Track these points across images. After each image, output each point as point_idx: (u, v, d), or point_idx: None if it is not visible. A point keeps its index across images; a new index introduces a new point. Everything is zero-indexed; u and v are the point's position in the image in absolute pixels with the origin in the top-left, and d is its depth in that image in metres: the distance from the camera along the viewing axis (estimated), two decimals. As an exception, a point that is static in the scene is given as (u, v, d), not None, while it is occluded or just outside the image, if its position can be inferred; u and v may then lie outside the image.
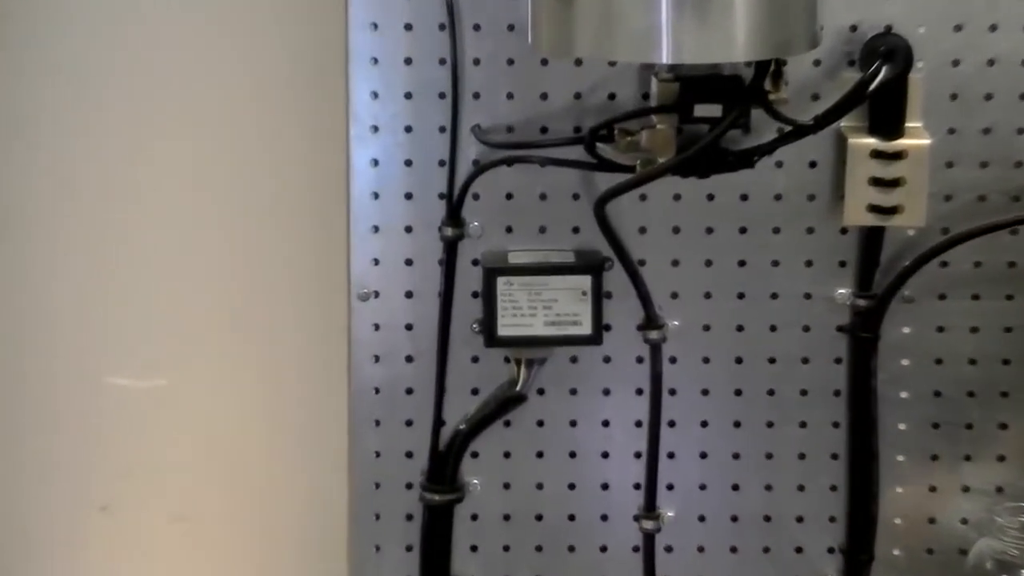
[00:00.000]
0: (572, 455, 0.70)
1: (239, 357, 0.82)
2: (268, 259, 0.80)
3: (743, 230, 0.68)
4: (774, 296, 0.68)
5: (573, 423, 0.70)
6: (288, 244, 0.80)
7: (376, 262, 0.68)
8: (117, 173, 0.76)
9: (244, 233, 0.80)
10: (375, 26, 0.64)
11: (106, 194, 0.76)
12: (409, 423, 0.69)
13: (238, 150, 0.79)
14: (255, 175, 0.79)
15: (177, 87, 0.74)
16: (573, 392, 0.70)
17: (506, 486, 0.70)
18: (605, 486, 0.69)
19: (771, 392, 0.69)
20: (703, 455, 0.70)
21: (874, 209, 0.63)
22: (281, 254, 0.80)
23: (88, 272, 0.77)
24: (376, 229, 0.68)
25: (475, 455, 0.70)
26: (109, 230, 0.77)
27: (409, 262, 0.68)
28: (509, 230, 0.68)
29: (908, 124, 0.63)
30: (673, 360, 0.69)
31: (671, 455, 0.69)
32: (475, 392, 0.69)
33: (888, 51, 0.61)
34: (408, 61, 0.65)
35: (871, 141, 0.63)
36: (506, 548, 0.69)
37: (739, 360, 0.69)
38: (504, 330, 0.66)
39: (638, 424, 0.69)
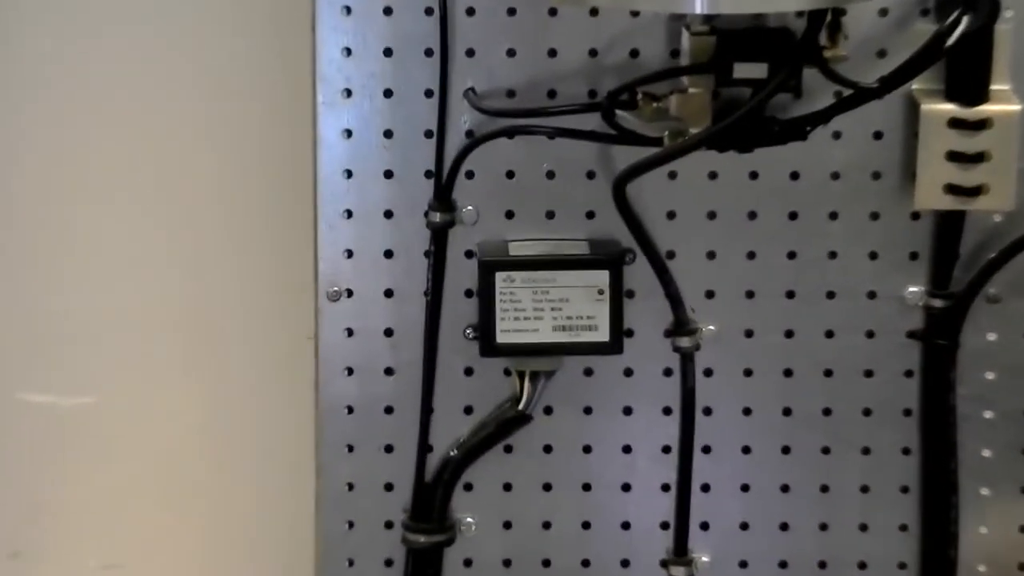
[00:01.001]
0: (586, 487, 0.70)
1: (183, 370, 0.82)
2: (218, 252, 0.81)
3: (793, 215, 0.68)
4: (830, 295, 0.69)
5: (587, 449, 0.70)
6: (242, 233, 0.81)
7: (349, 254, 0.69)
8: (44, 155, 0.78)
9: (189, 221, 0.81)
10: (347, -33, 0.65)
11: (26, 179, 0.77)
12: (389, 449, 0.70)
13: (180, 119, 0.79)
14: (201, 150, 0.79)
15: (114, 51, 0.76)
16: (587, 411, 0.70)
17: (506, 525, 0.70)
18: (626, 525, 0.70)
19: (827, 411, 0.70)
20: (745, 487, 0.70)
21: (952, 190, 0.63)
22: (234, 246, 0.81)
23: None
24: (349, 214, 0.68)
25: (469, 487, 0.70)
26: (25, 219, 0.78)
27: (389, 254, 0.69)
28: (510, 215, 0.69)
29: (993, 87, 0.63)
30: (708, 373, 0.70)
31: (706, 488, 0.70)
32: (469, 411, 0.70)
33: (970, -3, 0.59)
34: (388, 11, 0.66)
35: (949, 107, 0.63)
36: (506, 600, 0.70)
37: (788, 372, 0.70)
38: (504, 336, 0.66)
39: (666, 450, 0.70)
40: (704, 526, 0.69)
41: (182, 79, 0.77)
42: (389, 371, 0.69)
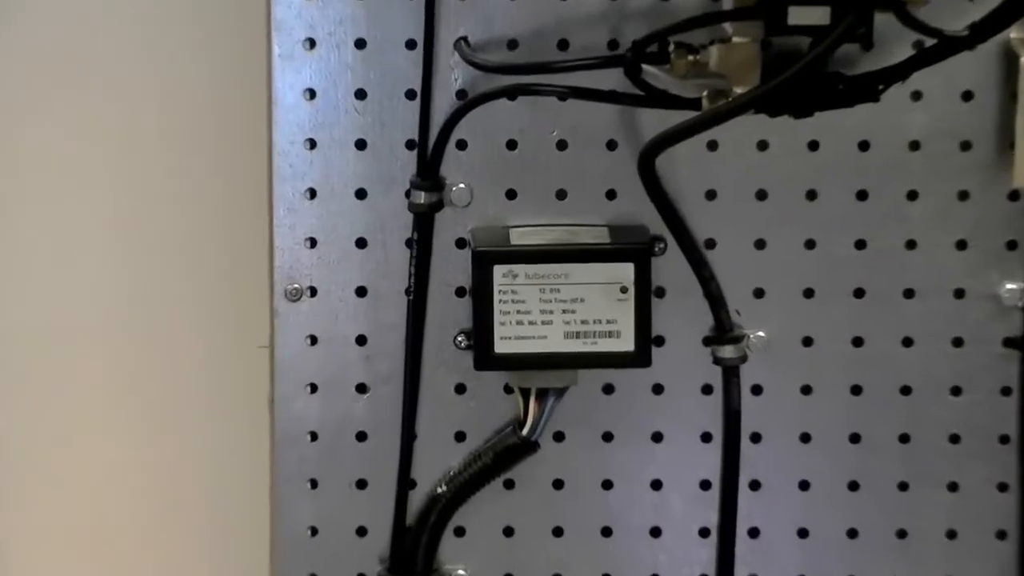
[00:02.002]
0: (606, 532, 0.71)
1: (106, 390, 0.83)
2: (148, 242, 0.81)
3: (862, 195, 0.68)
4: (909, 294, 0.69)
5: (607, 484, 0.71)
6: (179, 218, 0.81)
7: (311, 243, 0.68)
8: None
9: (117, 203, 0.81)
10: None
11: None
12: (361, 484, 0.70)
13: (106, 75, 0.80)
14: (132, 113, 0.80)
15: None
16: (607, 438, 0.70)
17: (508, 579, 0.71)
18: (656, 578, 0.70)
19: (904, 438, 0.70)
20: (803, 532, 0.70)
21: (1060, 164, 0.64)
22: (169, 234, 0.81)
23: None
24: (312, 194, 0.68)
25: (460, 532, 0.70)
26: None
27: (362, 243, 0.68)
28: (511, 195, 0.69)
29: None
30: (757, 390, 0.70)
31: (754, 532, 0.70)
32: (460, 438, 0.70)
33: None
34: (360, -60, 0.66)
35: (1057, 61, 0.64)
36: (508, 672, 0.71)
37: (856, 390, 0.70)
38: (504, 345, 0.66)
39: (705, 486, 0.70)
40: (753, 579, 0.70)
41: (110, 27, 0.78)
42: (362, 388, 0.69)
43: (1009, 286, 0.68)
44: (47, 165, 0.80)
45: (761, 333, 0.69)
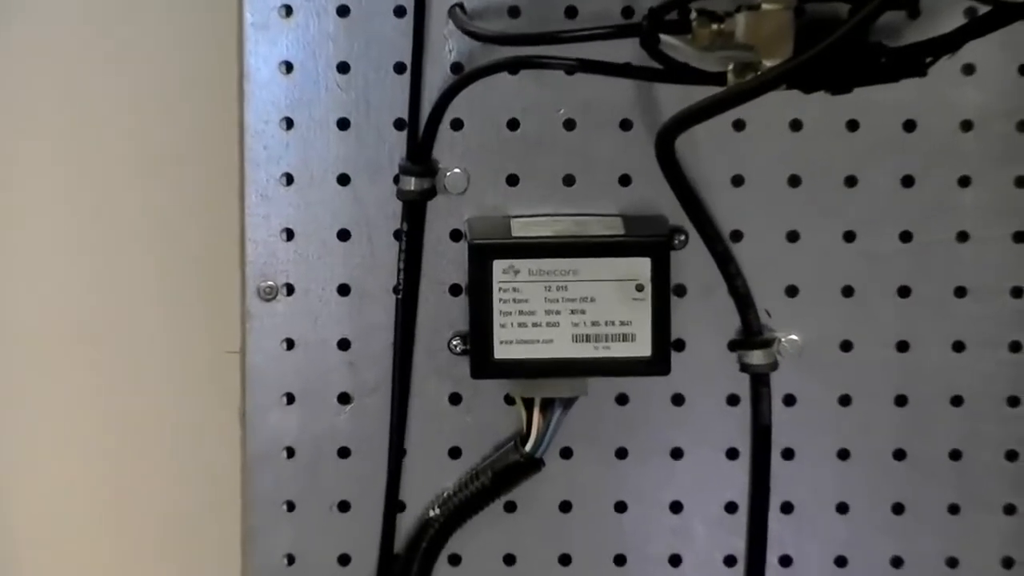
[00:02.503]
0: (619, 560, 0.71)
1: (67, 396, 0.82)
2: (108, 234, 0.81)
3: (908, 181, 0.68)
4: (960, 292, 0.69)
5: (621, 507, 0.71)
6: (140, 208, 0.81)
7: (288, 235, 0.69)
8: None
9: (69, 191, 0.81)
10: None
11: None
12: (344, 507, 0.70)
13: (54, 47, 0.80)
14: (85, 94, 0.80)
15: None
16: (621, 454, 0.70)
17: (508, 612, 0.71)
18: (675, 612, 0.71)
19: (955, 455, 0.70)
20: (841, 561, 0.70)
21: None
22: (129, 225, 0.81)
23: None
24: (288, 180, 0.68)
25: (455, 560, 0.71)
26: None
27: (344, 235, 0.69)
28: (513, 181, 0.69)
29: None
30: (790, 401, 0.70)
31: (786, 561, 0.70)
32: (455, 454, 0.70)
33: None
34: None
35: None
36: None
37: (901, 400, 0.70)
38: (505, 350, 0.66)
39: (731, 508, 0.70)
40: (784, 614, 0.70)
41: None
42: (345, 398, 0.70)
43: (1076, 284, 0.68)
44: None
45: (794, 336, 0.69)
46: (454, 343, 0.69)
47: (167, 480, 0.82)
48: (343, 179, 0.68)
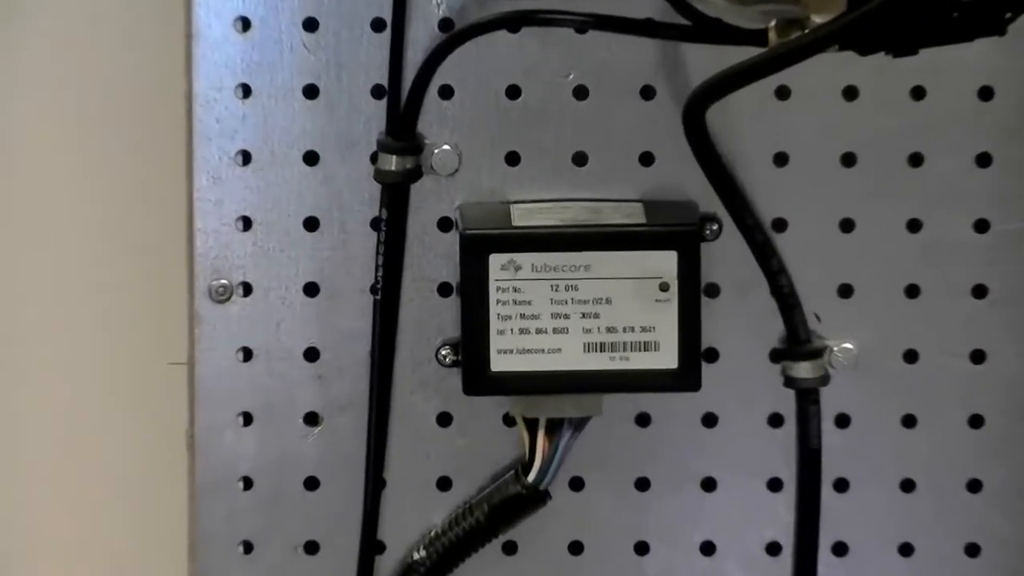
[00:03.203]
0: None
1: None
2: (30, 224, 0.80)
3: (983, 160, 0.68)
4: None
5: (642, 548, 0.71)
6: (70, 193, 0.81)
7: (245, 224, 0.69)
8: None
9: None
10: None
11: None
12: (312, 548, 0.70)
13: None
14: (5, 57, 0.80)
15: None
16: (642, 486, 0.71)
17: (507, 673, 0.71)
18: (706, 673, 0.71)
19: None
20: None
21: None
22: (56, 214, 0.80)
23: None
24: (245, 159, 0.68)
25: None
26: None
27: (312, 224, 0.69)
28: (513, 160, 0.69)
29: None
30: (843, 421, 0.70)
31: None
32: (445, 486, 0.70)
33: None
34: None
35: None
36: None
37: (976, 421, 0.70)
38: (504, 361, 0.66)
39: (773, 550, 0.71)
40: (836, 673, 0.71)
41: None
42: (312, 419, 0.70)
43: None
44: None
45: (848, 345, 0.69)
46: (443, 353, 0.69)
47: (101, 515, 0.82)
48: (311, 157, 0.68)
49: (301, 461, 0.69)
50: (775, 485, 0.70)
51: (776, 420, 0.69)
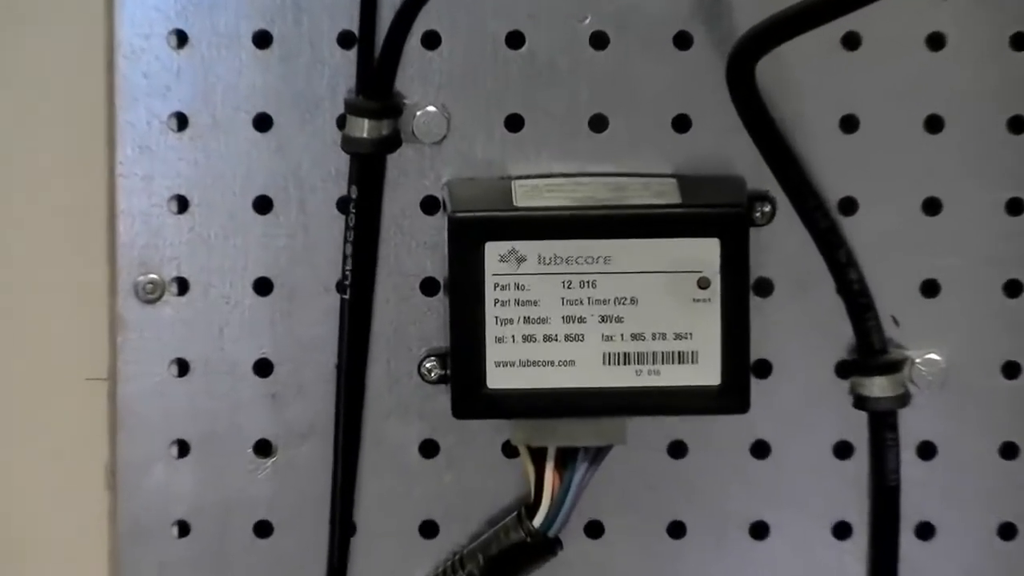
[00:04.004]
0: None
1: None
2: None
3: None
4: None
5: None
6: None
7: (181, 205, 0.68)
8: None
9: None
10: None
11: None
12: None
13: None
14: None
15: None
16: (676, 532, 0.70)
17: None
18: None
19: None
20: None
21: None
22: None
23: None
24: (181, 123, 0.68)
25: None
26: None
27: (264, 205, 0.68)
28: (515, 124, 0.68)
29: None
30: (928, 451, 0.69)
31: None
32: (429, 531, 0.70)
33: None
34: None
35: None
36: None
37: None
38: (503, 377, 0.65)
39: None
40: None
41: None
42: (264, 448, 0.69)
43: None
44: None
45: (934, 356, 0.69)
46: (428, 366, 0.68)
47: (5, 566, 0.82)
48: (262, 122, 0.68)
49: (251, 501, 0.69)
50: (842, 531, 0.69)
51: (843, 450, 0.69)
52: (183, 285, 0.68)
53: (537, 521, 0.67)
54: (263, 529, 0.69)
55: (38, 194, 0.77)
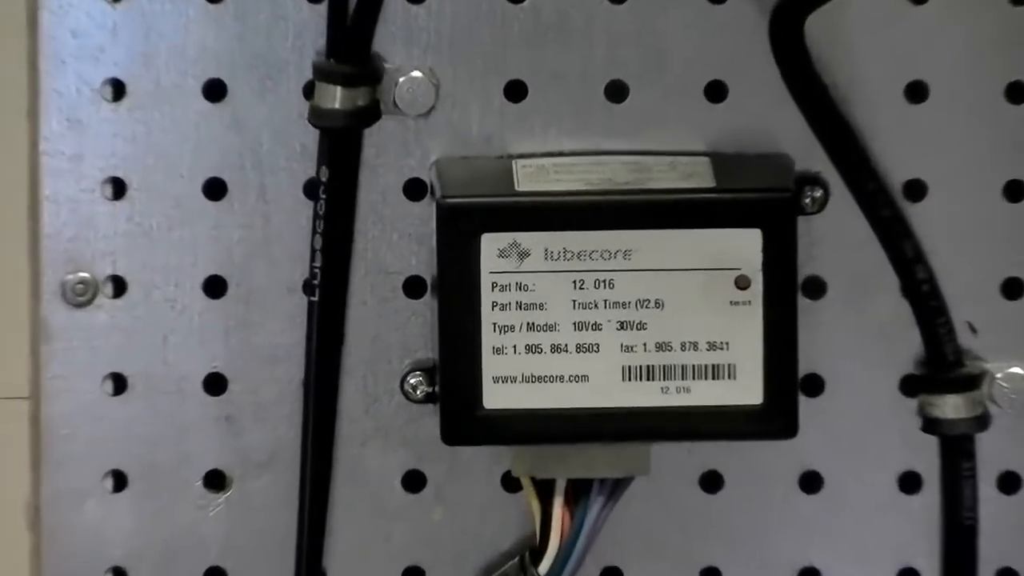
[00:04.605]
0: None
1: None
2: None
3: None
4: None
5: None
6: None
7: (117, 190, 0.67)
8: None
9: None
10: None
11: None
12: None
13: None
14: None
15: None
16: None
17: None
18: None
19: None
20: None
21: None
22: None
23: None
24: (117, 91, 0.67)
25: None
26: None
27: (216, 189, 0.67)
28: (516, 92, 0.67)
29: None
30: (1010, 484, 0.69)
31: None
32: None
33: None
34: None
35: None
36: None
37: None
38: (502, 395, 0.64)
39: None
40: None
41: None
42: (216, 480, 0.68)
43: None
44: None
45: (1018, 369, 0.68)
46: (412, 382, 0.67)
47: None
48: (214, 89, 0.67)
49: (200, 544, 0.68)
50: (909, 577, 0.67)
51: (910, 483, 0.69)
52: (120, 285, 0.67)
53: (543, 568, 0.66)
54: (216, 577, 0.67)
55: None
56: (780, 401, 0.64)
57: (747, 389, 0.64)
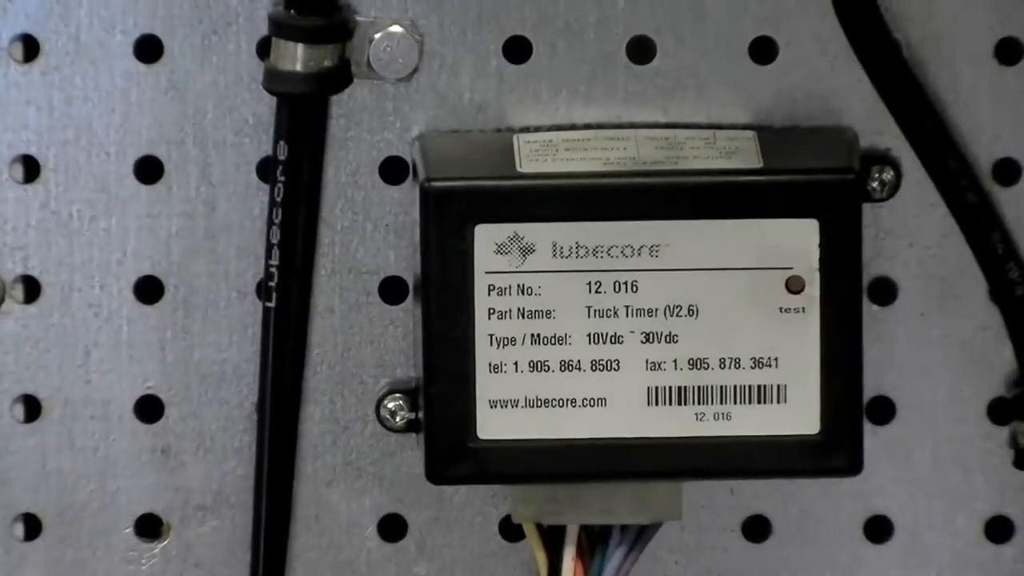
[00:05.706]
0: None
1: None
2: None
3: None
4: None
5: None
6: None
7: (28, 172, 0.68)
8: None
9: None
10: None
11: None
12: None
13: None
14: None
15: None
16: None
17: None
18: None
19: None
20: None
21: None
22: None
23: None
24: (30, 50, 0.68)
25: None
26: None
27: (151, 170, 0.68)
28: (518, 51, 0.68)
29: None
30: None
31: None
32: None
33: None
34: None
35: None
36: None
37: None
38: (500, 423, 0.64)
39: None
40: None
41: None
42: (150, 527, 0.69)
43: None
44: None
45: None
46: (391, 406, 0.68)
47: None
48: (147, 48, 0.67)
49: None
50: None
51: (999, 528, 0.70)
52: (32, 287, 0.68)
53: (546, 641, 0.64)
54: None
55: None
56: (841, 430, 0.64)
57: (800, 416, 0.64)
